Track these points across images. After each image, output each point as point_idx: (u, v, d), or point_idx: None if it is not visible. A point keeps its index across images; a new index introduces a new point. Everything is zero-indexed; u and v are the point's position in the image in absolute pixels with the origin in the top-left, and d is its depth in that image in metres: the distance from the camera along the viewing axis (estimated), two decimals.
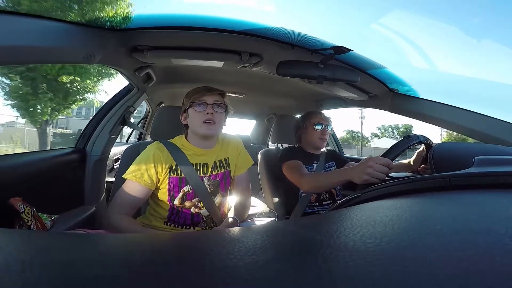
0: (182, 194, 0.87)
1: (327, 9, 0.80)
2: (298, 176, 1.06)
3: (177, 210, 0.88)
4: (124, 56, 0.97)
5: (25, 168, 1.01)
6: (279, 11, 0.81)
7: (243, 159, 1.01)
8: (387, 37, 0.93)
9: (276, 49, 0.93)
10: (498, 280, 0.13)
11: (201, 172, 0.90)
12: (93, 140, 1.36)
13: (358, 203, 0.38)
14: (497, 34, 0.99)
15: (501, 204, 0.26)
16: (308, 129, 1.27)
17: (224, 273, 0.14)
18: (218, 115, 0.88)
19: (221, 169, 0.94)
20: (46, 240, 0.17)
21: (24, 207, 0.87)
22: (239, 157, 1.00)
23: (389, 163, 0.72)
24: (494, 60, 1.07)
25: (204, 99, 0.88)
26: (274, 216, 1.08)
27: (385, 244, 0.17)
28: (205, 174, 0.91)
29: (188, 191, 0.87)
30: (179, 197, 0.87)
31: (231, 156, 0.98)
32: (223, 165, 0.95)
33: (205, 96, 0.88)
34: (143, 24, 0.83)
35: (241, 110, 2.45)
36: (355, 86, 1.23)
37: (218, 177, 0.93)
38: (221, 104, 0.90)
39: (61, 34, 0.71)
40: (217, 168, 0.94)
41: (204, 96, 0.88)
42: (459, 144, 0.69)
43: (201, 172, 0.90)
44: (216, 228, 0.90)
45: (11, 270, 0.12)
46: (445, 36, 1.00)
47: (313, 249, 0.17)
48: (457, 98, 1.11)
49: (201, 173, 0.90)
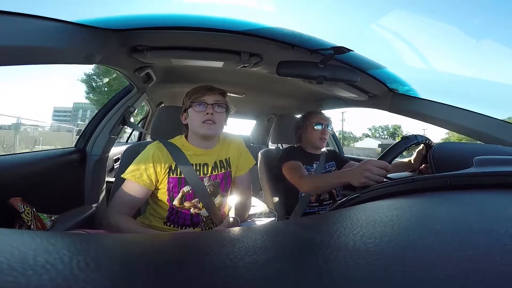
0: (181, 195, 0.86)
1: (327, 9, 0.80)
2: (298, 177, 1.06)
3: (176, 211, 0.87)
4: (124, 56, 0.97)
5: (25, 168, 1.01)
6: (279, 11, 0.81)
7: (245, 160, 1.01)
8: (387, 37, 0.93)
9: (276, 49, 0.93)
10: (498, 280, 0.13)
11: (201, 172, 0.89)
12: (93, 140, 1.36)
13: (358, 203, 0.38)
14: (497, 33, 0.99)
15: (501, 204, 0.26)
16: (308, 129, 1.28)
17: (224, 273, 0.14)
18: (218, 115, 0.87)
19: (221, 170, 0.94)
20: (46, 240, 0.17)
21: (24, 207, 0.87)
22: (241, 157, 1.00)
23: (386, 166, 0.73)
24: (494, 60, 1.07)
25: (204, 99, 0.87)
26: (274, 216, 1.08)
27: (385, 244, 0.17)
28: (205, 174, 0.90)
29: (187, 192, 0.87)
30: (178, 197, 0.86)
31: (232, 156, 0.97)
32: (223, 166, 0.94)
33: (206, 95, 0.87)
34: (143, 24, 0.83)
35: (241, 110, 2.45)
36: (355, 86, 1.23)
37: (219, 177, 0.93)
38: (221, 104, 0.89)
39: (61, 34, 0.71)
40: (217, 168, 0.93)
41: (204, 96, 0.87)
42: (459, 144, 0.69)
43: (201, 172, 0.90)
44: (216, 228, 0.90)
45: (12, 270, 0.12)
46: (445, 36, 1.00)
47: (313, 249, 0.17)
48: (457, 98, 1.11)
49: (201, 174, 0.89)
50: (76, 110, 45.44)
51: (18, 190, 0.95)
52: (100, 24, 0.78)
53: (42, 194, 1.10)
